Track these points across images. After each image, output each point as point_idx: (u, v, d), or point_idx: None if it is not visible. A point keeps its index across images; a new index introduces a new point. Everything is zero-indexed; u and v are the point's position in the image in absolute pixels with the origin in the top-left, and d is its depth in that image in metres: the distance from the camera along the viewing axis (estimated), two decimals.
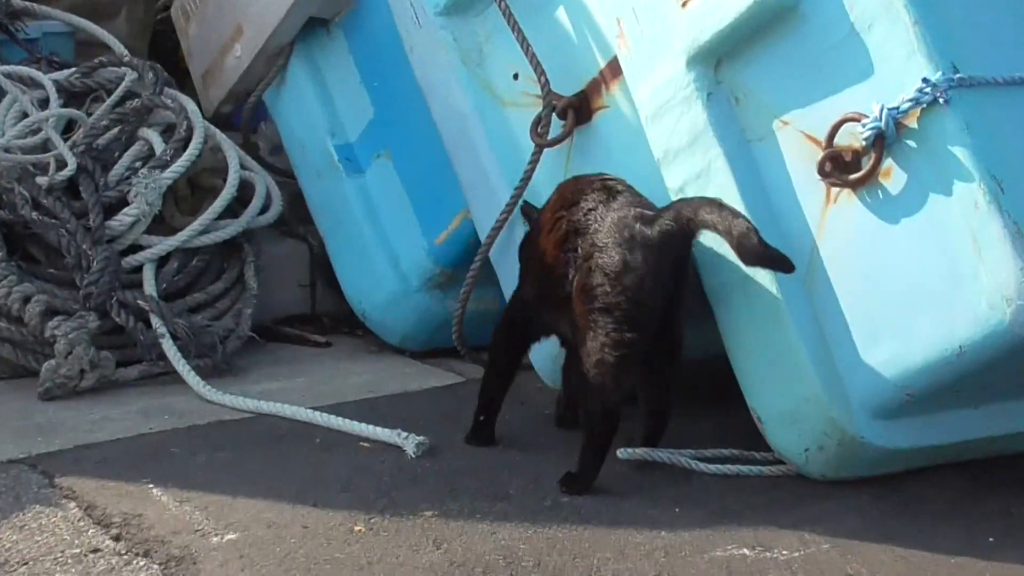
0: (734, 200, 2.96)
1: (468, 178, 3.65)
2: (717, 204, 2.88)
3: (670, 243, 2.93)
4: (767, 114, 3.00)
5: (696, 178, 3.05)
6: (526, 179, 3.42)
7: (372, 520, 2.84)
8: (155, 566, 2.60)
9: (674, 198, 3.06)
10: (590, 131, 3.36)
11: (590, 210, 3.02)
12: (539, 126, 3.38)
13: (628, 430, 3.13)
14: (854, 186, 2.89)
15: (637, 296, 2.92)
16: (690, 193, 3.03)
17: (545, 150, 3.39)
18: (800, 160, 2.97)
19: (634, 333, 2.92)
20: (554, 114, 3.37)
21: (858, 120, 2.85)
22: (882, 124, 2.80)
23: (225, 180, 4.00)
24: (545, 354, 3.44)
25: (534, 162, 3.40)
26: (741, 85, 3.02)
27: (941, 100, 2.75)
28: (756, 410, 3.06)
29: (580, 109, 3.36)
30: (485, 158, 3.57)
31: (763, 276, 2.97)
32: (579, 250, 3.00)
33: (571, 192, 3.10)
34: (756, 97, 3.01)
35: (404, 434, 3.22)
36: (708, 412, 3.43)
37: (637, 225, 2.93)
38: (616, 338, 2.92)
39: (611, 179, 3.08)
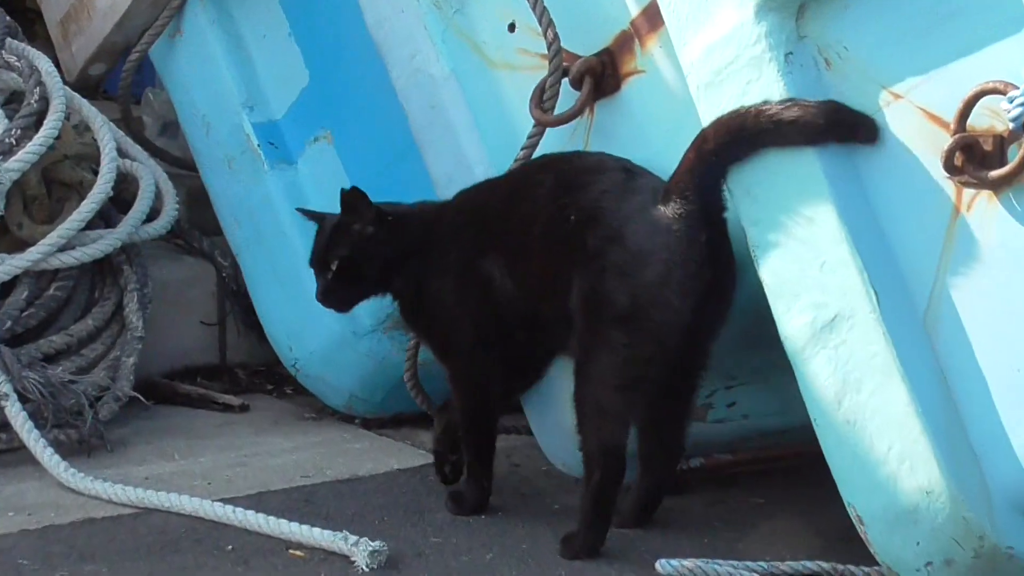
0: (822, 206, 2.96)
1: (442, 169, 3.67)
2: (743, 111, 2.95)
3: (698, 210, 3.02)
4: (871, 83, 2.99)
5: None
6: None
7: None
8: None
9: (739, 201, 3.05)
10: (617, 105, 3.37)
11: (604, 192, 3.12)
12: (543, 96, 3.40)
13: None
14: (996, 187, 2.87)
15: (661, 296, 3.02)
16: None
17: (550, 130, 3.41)
18: (918, 149, 2.96)
19: (653, 348, 3.04)
20: (565, 81, 3.38)
21: (1003, 92, 2.82)
22: None
23: (96, 172, 3.99)
24: (552, 424, 3.47)
25: (531, 146, 3.42)
26: (834, 41, 3.02)
27: None
28: (855, 506, 3.03)
29: (602, 75, 3.37)
30: (466, 141, 3.61)
31: (864, 314, 2.95)
32: (587, 245, 3.09)
33: (574, 172, 3.18)
34: (855, 59, 3.00)
35: (353, 538, 3.22)
36: (785, 508, 3.44)
37: (656, 202, 3.05)
38: (626, 356, 3.04)
39: (618, 158, 3.19)
